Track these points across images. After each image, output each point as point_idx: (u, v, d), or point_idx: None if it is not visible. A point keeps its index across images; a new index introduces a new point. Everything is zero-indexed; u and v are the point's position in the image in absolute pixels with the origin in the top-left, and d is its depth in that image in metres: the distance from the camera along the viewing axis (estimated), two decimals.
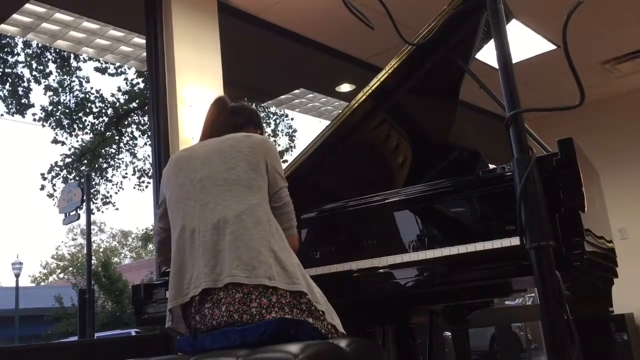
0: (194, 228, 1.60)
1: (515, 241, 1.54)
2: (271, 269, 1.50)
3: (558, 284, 0.92)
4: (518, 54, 4.94)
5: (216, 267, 1.52)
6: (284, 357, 1.25)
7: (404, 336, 1.96)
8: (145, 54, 4.23)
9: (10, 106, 11.02)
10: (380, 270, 1.74)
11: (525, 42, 4.72)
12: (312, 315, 1.51)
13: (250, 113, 1.94)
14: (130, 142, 12.43)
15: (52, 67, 11.28)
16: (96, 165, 12.74)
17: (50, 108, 11.73)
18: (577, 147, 1.68)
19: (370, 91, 2.38)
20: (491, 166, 2.16)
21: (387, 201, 1.89)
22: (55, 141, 11.94)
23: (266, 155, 1.68)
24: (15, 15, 4.23)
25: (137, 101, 11.80)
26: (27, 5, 4.11)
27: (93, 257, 18.52)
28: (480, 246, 1.56)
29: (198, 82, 3.49)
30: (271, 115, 11.98)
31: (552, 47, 4.85)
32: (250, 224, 1.55)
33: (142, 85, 11.32)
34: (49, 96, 11.58)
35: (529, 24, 4.48)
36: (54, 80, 11.42)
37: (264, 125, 2.05)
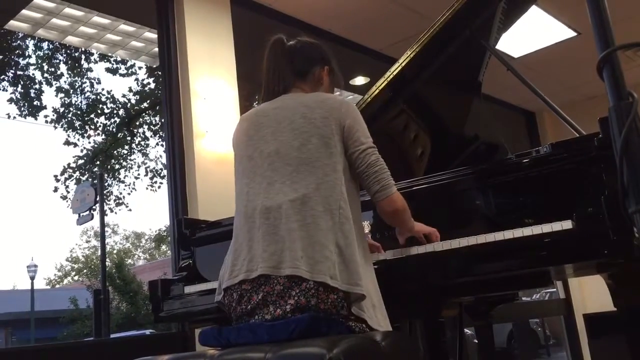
0: (256, 207, 1.50)
1: (558, 226, 1.45)
2: (334, 267, 1.39)
3: None
4: (537, 42, 4.82)
5: (276, 253, 1.42)
6: (317, 352, 1.15)
7: (435, 330, 1.87)
8: (156, 49, 4.18)
9: (22, 108, 11.04)
10: (417, 260, 1.65)
11: (545, 29, 4.60)
12: (350, 319, 1.41)
13: (311, 51, 1.73)
14: (142, 143, 12.40)
15: (63, 68, 11.28)
16: (108, 167, 12.73)
17: (62, 110, 11.74)
18: None
19: (390, 77, 2.30)
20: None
21: (417, 188, 1.79)
22: (67, 143, 11.96)
23: (341, 120, 1.53)
24: (24, 11, 4.18)
25: (148, 101, 11.77)
26: (37, 1, 4.07)
27: (107, 259, 18.57)
28: (528, 231, 1.47)
29: (211, 74, 3.42)
30: None
31: (572, 33, 4.72)
32: (318, 212, 1.44)
33: (152, 85, 11.29)
34: (61, 98, 11.59)
35: (549, 10, 4.36)
36: (65, 81, 11.43)
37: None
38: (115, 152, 12.68)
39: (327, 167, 1.49)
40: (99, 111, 11.91)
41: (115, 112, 12.04)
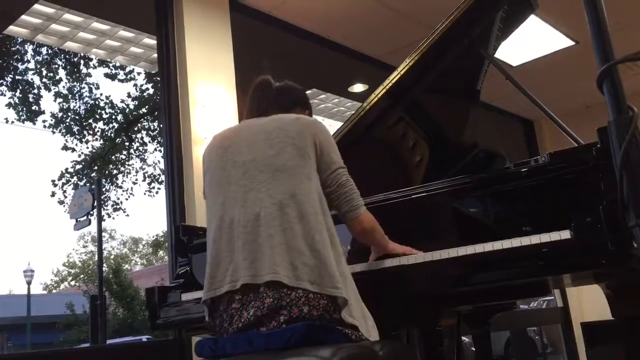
0: (233, 217, 1.50)
1: (556, 236, 1.45)
2: (313, 271, 1.41)
3: None
4: (536, 51, 4.83)
5: (255, 261, 1.43)
6: None
7: (433, 339, 1.86)
8: (155, 55, 4.19)
9: (20, 113, 11.06)
10: (415, 269, 1.64)
11: (544, 38, 4.61)
12: (345, 325, 1.41)
13: (297, 93, 1.84)
14: (140, 148, 12.40)
15: (62, 73, 11.29)
16: (106, 172, 12.72)
17: (60, 115, 11.75)
18: None
19: (389, 85, 2.31)
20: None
21: (415, 196, 1.79)
22: (65, 148, 11.96)
23: (316, 136, 1.57)
24: (24, 17, 4.19)
25: (146, 107, 11.78)
26: (37, 6, 4.07)
27: (104, 264, 18.52)
28: (526, 241, 1.47)
29: (210, 81, 3.42)
30: None
31: (570, 42, 4.73)
32: (295, 218, 1.45)
33: (151, 91, 11.30)
34: (59, 103, 11.60)
35: (548, 19, 4.37)
36: (63, 87, 11.44)
37: None
38: (113, 157, 12.67)
39: (302, 176, 1.51)
40: (98, 116, 11.92)
41: (113, 117, 12.05)
